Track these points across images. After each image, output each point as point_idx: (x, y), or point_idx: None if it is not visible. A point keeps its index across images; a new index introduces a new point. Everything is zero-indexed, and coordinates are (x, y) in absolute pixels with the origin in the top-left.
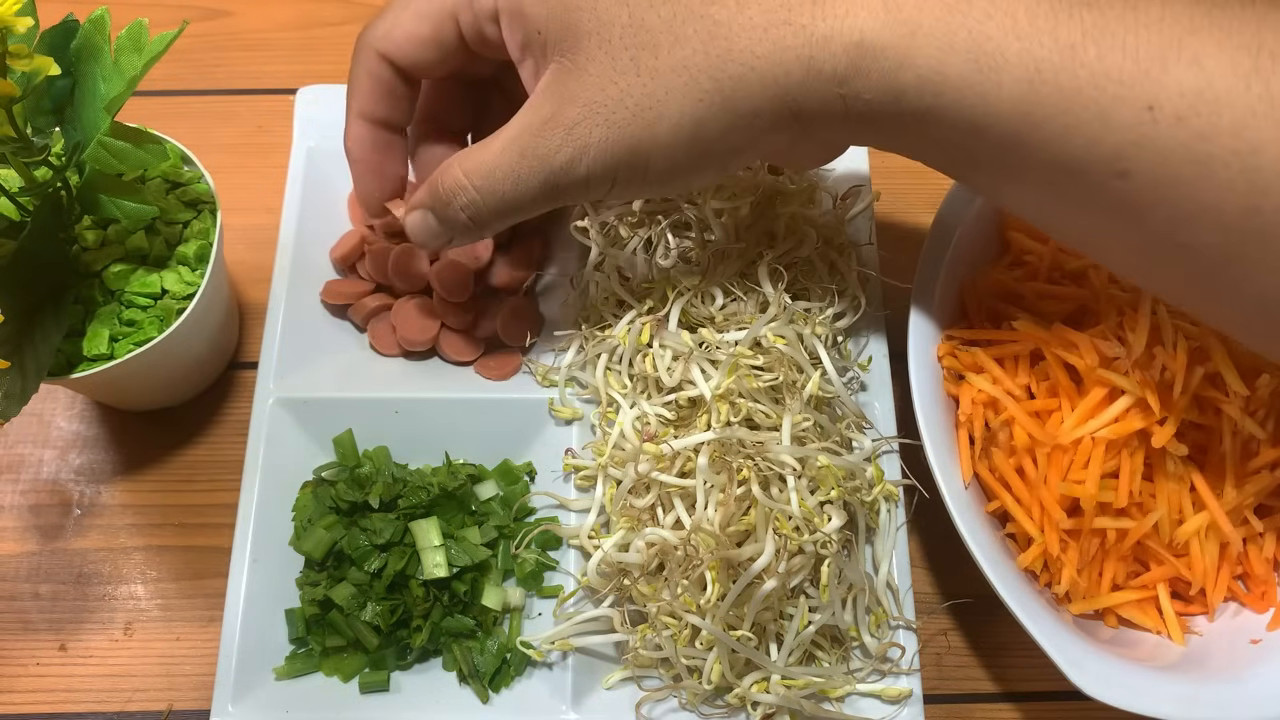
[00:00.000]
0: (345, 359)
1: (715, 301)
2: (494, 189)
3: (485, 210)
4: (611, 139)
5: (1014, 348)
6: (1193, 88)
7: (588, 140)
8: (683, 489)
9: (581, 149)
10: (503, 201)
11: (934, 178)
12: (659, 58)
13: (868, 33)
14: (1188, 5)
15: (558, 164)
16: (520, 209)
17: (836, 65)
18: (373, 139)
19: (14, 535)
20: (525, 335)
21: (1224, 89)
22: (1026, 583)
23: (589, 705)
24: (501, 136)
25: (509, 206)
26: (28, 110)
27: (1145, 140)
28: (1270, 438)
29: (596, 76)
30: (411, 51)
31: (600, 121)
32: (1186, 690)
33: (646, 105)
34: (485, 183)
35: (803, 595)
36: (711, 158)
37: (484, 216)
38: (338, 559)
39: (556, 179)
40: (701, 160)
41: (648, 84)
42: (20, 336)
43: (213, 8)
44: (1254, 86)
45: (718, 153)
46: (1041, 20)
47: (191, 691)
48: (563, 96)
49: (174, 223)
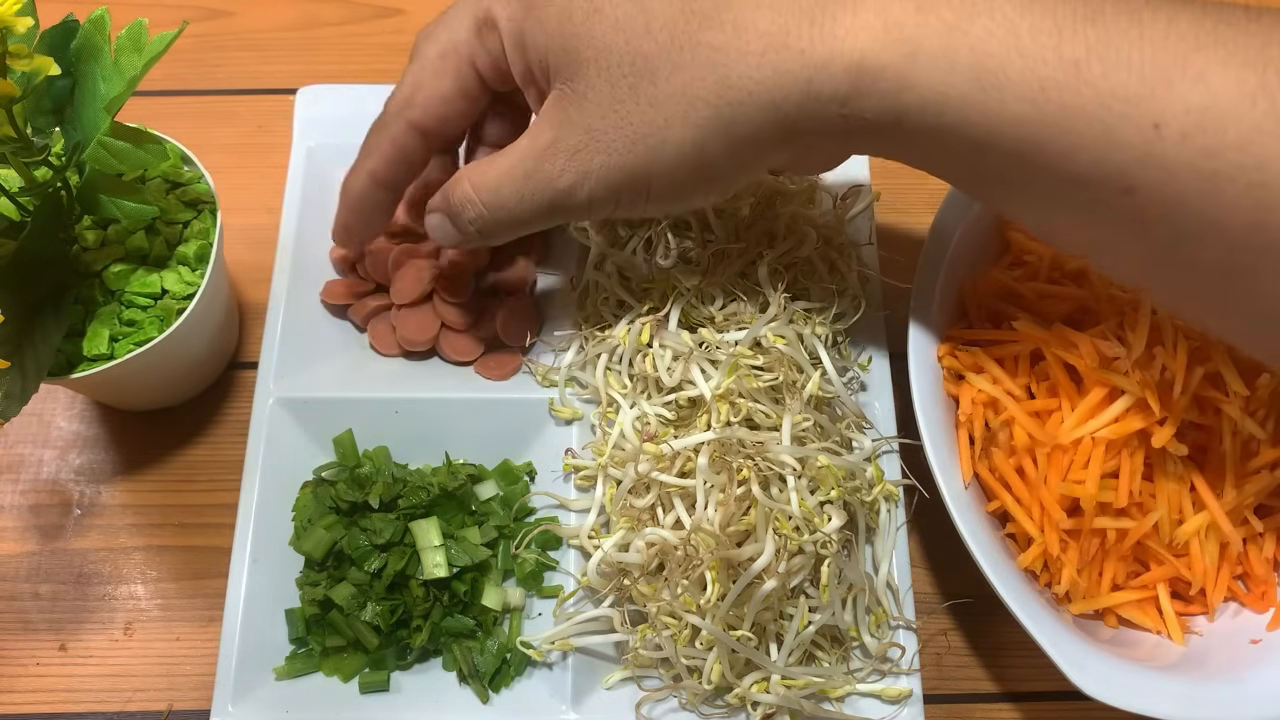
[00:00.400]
0: (345, 359)
1: (715, 301)
2: (499, 205)
3: (491, 224)
4: (613, 165)
5: (1014, 348)
6: (1198, 105)
7: (589, 166)
8: (683, 489)
9: (583, 174)
10: (509, 217)
11: (934, 178)
12: (657, 85)
13: (868, 54)
14: (1193, 21)
15: (560, 187)
16: (525, 225)
17: (837, 87)
18: (373, 197)
19: (14, 535)
20: (525, 335)
21: (1230, 106)
22: (1026, 583)
23: (589, 705)
24: (508, 156)
25: (515, 222)
26: (28, 110)
27: (1151, 158)
28: (1270, 438)
29: (596, 104)
30: (440, 111)
31: (601, 149)
32: (1186, 690)
33: (646, 133)
34: (491, 199)
35: (803, 595)
36: (713, 180)
37: (490, 230)
38: (338, 559)
39: (560, 201)
40: (703, 182)
41: (647, 112)
42: (20, 336)
43: (213, 8)
44: (1260, 103)
45: (719, 175)
46: (1045, 37)
47: (191, 691)
48: (564, 122)
49: (174, 223)
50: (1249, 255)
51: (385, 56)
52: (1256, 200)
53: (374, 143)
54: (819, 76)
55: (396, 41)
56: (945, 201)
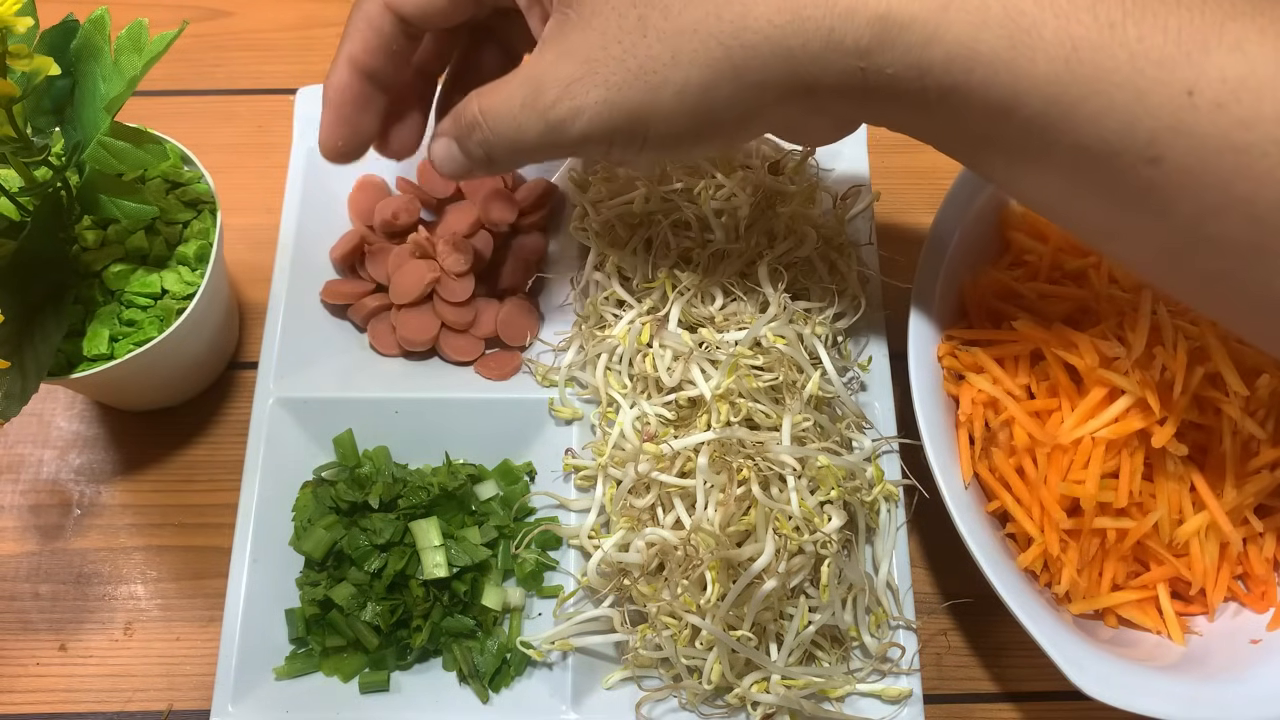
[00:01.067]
0: (345, 359)
1: (715, 301)
2: (502, 131)
3: (497, 149)
4: (609, 100)
5: (1014, 348)
6: (1235, 74)
7: (584, 101)
8: (683, 489)
9: (577, 109)
10: (511, 145)
11: (934, 178)
12: (668, 19)
13: (895, 4)
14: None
15: (553, 119)
16: (528, 154)
17: (859, 38)
18: (355, 88)
19: (14, 535)
20: (525, 335)
21: (1267, 76)
22: (1026, 583)
23: (589, 705)
24: (513, 80)
25: (517, 150)
26: (28, 110)
27: (1182, 126)
28: (1270, 438)
29: (599, 33)
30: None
31: (599, 82)
32: (1186, 690)
33: (650, 69)
34: (495, 123)
35: (803, 595)
36: (715, 127)
37: (497, 155)
38: (338, 559)
39: (553, 134)
40: (704, 129)
41: (653, 46)
42: (20, 336)
43: (213, 8)
44: None
45: (722, 123)
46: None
47: (191, 691)
48: (563, 50)
49: (174, 223)
50: (1274, 233)
51: None
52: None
53: (351, 25)
54: (841, 25)
55: None
56: (945, 201)
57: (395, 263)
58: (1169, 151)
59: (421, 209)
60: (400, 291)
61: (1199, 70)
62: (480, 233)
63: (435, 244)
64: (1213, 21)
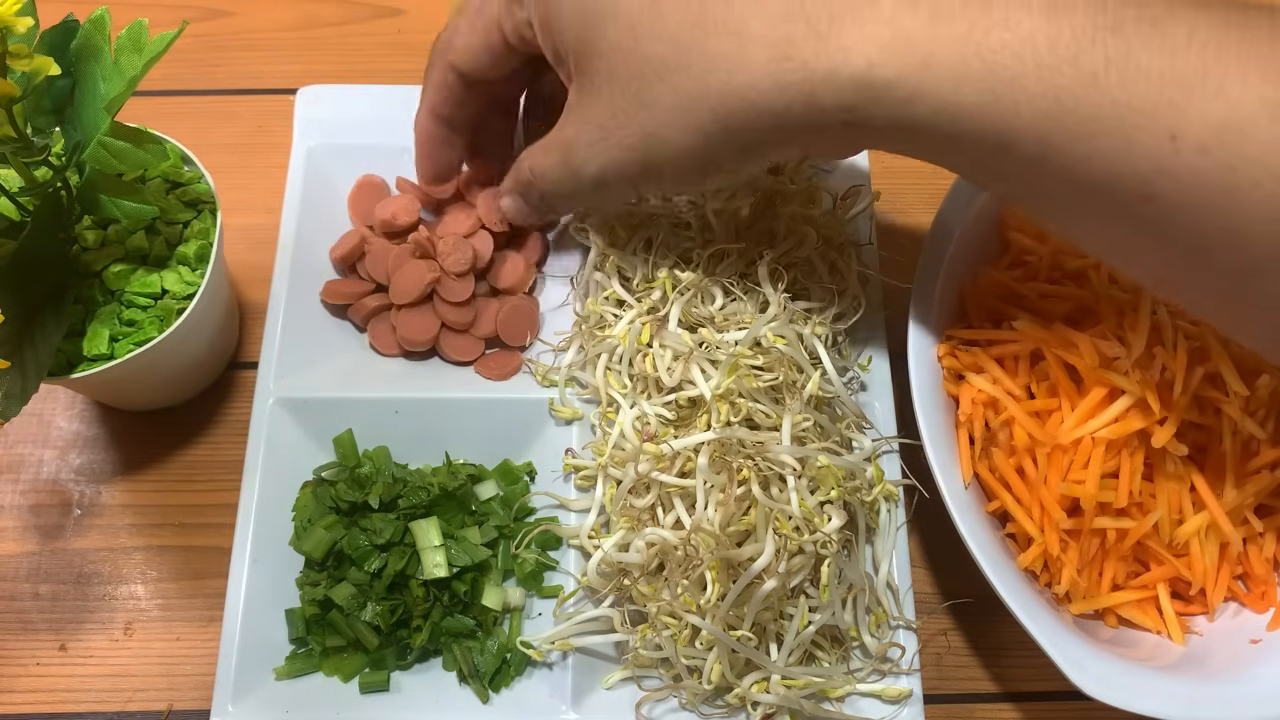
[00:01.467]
0: (345, 359)
1: (715, 301)
2: (551, 185)
3: (553, 199)
4: (625, 159)
5: (1014, 348)
6: (1218, 119)
7: (606, 160)
8: (683, 489)
9: (602, 166)
10: (561, 196)
11: (934, 178)
12: (658, 89)
13: (876, 66)
14: (1216, 29)
15: (586, 176)
16: (578, 200)
17: (841, 98)
18: (437, 133)
19: (14, 535)
20: (525, 335)
21: (1249, 118)
22: (1026, 583)
23: (589, 705)
24: (552, 142)
25: (568, 198)
26: (28, 110)
27: (1168, 170)
28: (1270, 438)
29: (607, 102)
30: (470, 59)
31: (614, 144)
32: (1186, 690)
33: (650, 131)
34: (544, 181)
35: (803, 595)
36: (718, 168)
37: (554, 204)
38: (338, 559)
39: (591, 186)
40: (709, 170)
41: (652, 115)
42: (20, 336)
43: (213, 8)
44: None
45: (725, 164)
46: (1063, 49)
47: (191, 691)
48: (583, 116)
49: (174, 223)
50: (1268, 259)
51: (385, 56)
52: (1276, 210)
53: (427, 82)
54: (821, 89)
55: (396, 41)
56: (945, 201)
57: (395, 263)
58: (1160, 190)
59: (421, 209)
60: (400, 291)
61: (1182, 116)
62: (480, 233)
63: (435, 244)
64: (1196, 65)
